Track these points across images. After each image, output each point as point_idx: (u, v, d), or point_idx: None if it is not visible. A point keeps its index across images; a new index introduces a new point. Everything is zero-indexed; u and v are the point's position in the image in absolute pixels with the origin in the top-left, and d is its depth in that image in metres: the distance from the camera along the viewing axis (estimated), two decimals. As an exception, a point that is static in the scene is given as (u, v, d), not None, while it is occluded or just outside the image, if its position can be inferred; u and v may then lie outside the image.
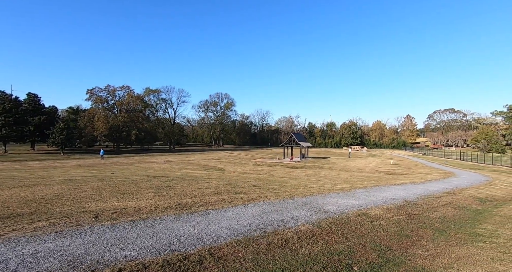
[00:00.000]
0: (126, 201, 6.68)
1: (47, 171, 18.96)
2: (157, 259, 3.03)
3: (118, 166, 25.00)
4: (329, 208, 6.05)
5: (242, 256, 3.21)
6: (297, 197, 7.43)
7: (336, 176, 20.24)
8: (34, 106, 48.08)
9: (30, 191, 7.92)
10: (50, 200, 6.59)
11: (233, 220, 4.82)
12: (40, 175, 14.39)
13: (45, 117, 47.20)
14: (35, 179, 11.87)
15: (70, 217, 4.86)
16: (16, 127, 43.35)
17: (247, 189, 9.39)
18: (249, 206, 6.01)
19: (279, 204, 6.36)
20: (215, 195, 7.72)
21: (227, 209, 5.72)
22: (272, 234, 4.01)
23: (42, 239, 3.60)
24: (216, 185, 10.56)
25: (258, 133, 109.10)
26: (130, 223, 4.47)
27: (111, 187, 9.17)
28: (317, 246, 3.63)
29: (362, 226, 4.69)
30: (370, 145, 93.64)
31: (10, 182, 10.21)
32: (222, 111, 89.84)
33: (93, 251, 3.22)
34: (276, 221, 4.79)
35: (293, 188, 10.19)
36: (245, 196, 7.51)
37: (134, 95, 58.82)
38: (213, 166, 29.17)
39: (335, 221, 4.87)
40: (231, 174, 19.48)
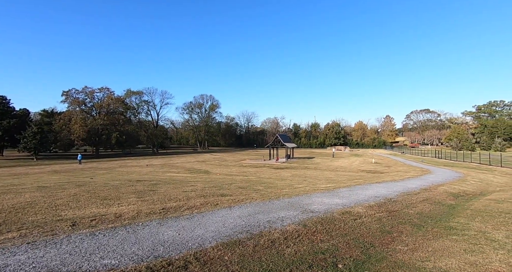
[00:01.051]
0: (107, 207, 6.40)
1: (18, 178, 17.75)
2: (140, 266, 2.93)
3: (98, 171, 23.93)
4: (314, 207, 6.15)
5: (229, 259, 3.18)
6: (283, 197, 7.48)
7: (321, 176, 20.65)
8: (2, 109, 44.91)
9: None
10: (21, 209, 6.16)
11: (219, 223, 4.76)
12: (10, 183, 13.42)
13: (15, 120, 44.25)
14: (4, 187, 11.06)
15: (44, 226, 4.57)
16: (-18, 131, 40.30)
17: (233, 191, 9.34)
18: (235, 208, 5.97)
19: (265, 205, 6.38)
20: (200, 198, 7.60)
21: (213, 212, 5.64)
22: (259, 236, 4.01)
23: (11, 251, 3.36)
24: (201, 188, 10.40)
25: (243, 134, 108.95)
26: (111, 230, 4.28)
27: (89, 193, 8.75)
28: (303, 246, 3.68)
29: (346, 224, 4.82)
30: (353, 145, 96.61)
31: (-25, 191, 9.42)
32: (207, 113, 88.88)
33: (70, 262, 3.05)
34: (262, 222, 4.80)
35: (279, 188, 10.27)
36: (231, 198, 7.45)
37: (114, 97, 56.67)
38: (199, 168, 28.72)
39: (320, 220, 4.96)
40: (217, 177, 19.28)
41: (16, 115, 46.71)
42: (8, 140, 43.20)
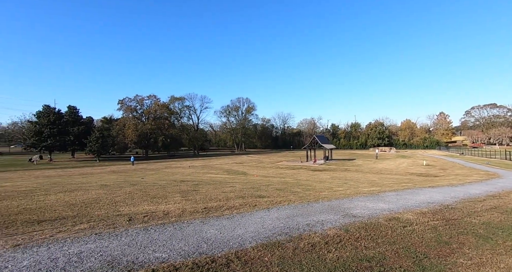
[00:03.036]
0: (156, 205, 7.01)
1: (86, 177, 20.57)
2: (187, 261, 3.15)
3: (147, 172, 26.35)
4: (357, 212, 5.82)
5: (269, 260, 3.21)
6: (322, 200, 7.25)
7: (363, 178, 19.40)
8: (73, 117, 52.67)
9: (72, 196, 8.65)
10: (89, 204, 7.14)
11: (258, 224, 4.84)
12: (80, 181, 15.65)
13: (83, 127, 51.45)
14: (75, 184, 12.94)
15: (107, 220, 5.22)
16: (59, 137, 47.77)
17: (271, 193, 9.37)
18: (273, 210, 5.99)
19: (304, 207, 6.26)
20: (239, 199, 7.81)
21: (251, 213, 5.75)
22: (298, 239, 3.96)
23: (84, 240, 3.92)
24: (240, 189, 10.68)
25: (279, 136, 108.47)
26: (160, 226, 4.69)
27: (141, 191, 9.69)
28: (346, 252, 3.51)
29: (394, 231, 4.45)
30: (399, 146, 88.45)
31: (55, 188, 11.24)
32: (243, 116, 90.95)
33: (129, 253, 3.43)
34: (301, 225, 4.72)
35: (318, 191, 9.96)
36: (269, 200, 7.50)
37: (160, 103, 61.93)
38: (236, 170, 29.51)
39: (364, 226, 4.67)
40: (254, 178, 19.56)
41: (83, 122, 54.34)
42: (78, 144, 50.38)
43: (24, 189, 11.02)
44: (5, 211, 6.37)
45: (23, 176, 21.81)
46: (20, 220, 5.30)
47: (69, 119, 51.48)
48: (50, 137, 46.83)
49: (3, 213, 6.14)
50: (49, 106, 50.30)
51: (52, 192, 9.63)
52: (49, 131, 46.98)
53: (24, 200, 7.92)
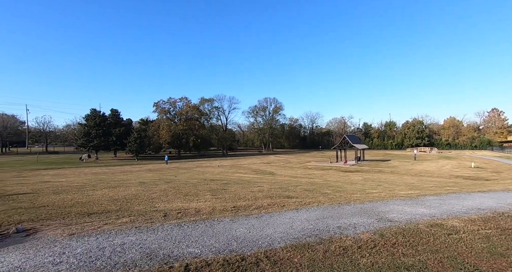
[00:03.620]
0: (188, 202, 7.36)
1: (126, 174, 22.36)
2: (218, 258, 3.25)
3: (180, 170, 27.75)
4: (393, 216, 5.45)
5: (298, 261, 3.17)
6: (354, 203, 6.93)
7: (400, 181, 18.10)
8: (115, 119, 57.63)
9: (115, 192, 9.48)
10: (129, 200, 7.76)
11: (286, 224, 4.80)
12: (121, 178, 17.08)
13: (123, 128, 55.99)
14: (118, 181, 14.14)
15: (145, 215, 5.63)
16: (104, 138, 52.64)
17: (299, 194, 9.24)
18: (302, 211, 5.89)
19: (335, 209, 6.05)
20: (267, 199, 7.83)
21: (280, 213, 5.73)
22: (329, 241, 3.84)
23: (126, 232, 4.27)
24: (267, 189, 10.71)
25: (307, 135, 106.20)
26: (193, 223, 4.91)
27: (175, 189, 10.24)
28: (381, 258, 3.32)
29: (437, 239, 4.08)
30: (442, 146, 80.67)
31: (101, 184, 12.42)
32: (270, 116, 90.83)
33: (164, 246, 3.66)
34: (332, 227, 4.58)
35: (349, 193, 9.55)
36: (297, 201, 7.40)
37: (191, 105, 64.76)
38: (264, 170, 29.61)
39: (401, 231, 4.36)
40: (282, 178, 19.44)
41: (124, 124, 59.18)
42: (119, 144, 54.99)
43: (76, 184, 12.37)
44: (62, 203, 7.22)
45: (75, 173, 24.49)
46: (74, 212, 5.97)
47: (111, 121, 56.48)
48: (96, 138, 51.87)
49: (60, 205, 6.97)
50: (95, 109, 55.74)
51: (99, 188, 10.66)
52: (95, 132, 52.08)
53: (76, 194, 8.90)
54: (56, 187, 11.05)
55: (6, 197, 8.34)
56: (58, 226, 4.74)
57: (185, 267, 2.96)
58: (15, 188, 11.27)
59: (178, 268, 2.94)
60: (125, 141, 51.70)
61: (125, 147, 51.93)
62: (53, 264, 3.07)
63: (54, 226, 4.74)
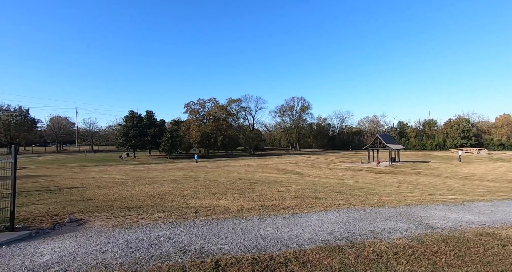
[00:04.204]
0: (217, 200, 7.59)
1: (160, 172, 23.79)
2: (247, 255, 3.31)
3: (209, 169, 28.69)
4: (434, 222, 5.02)
5: (328, 264, 3.09)
6: (388, 206, 6.53)
7: (441, 184, 16.57)
8: (150, 120, 61.57)
9: (151, 188, 10.14)
10: (163, 196, 8.24)
11: (315, 226, 4.70)
12: (156, 176, 18.21)
13: (157, 129, 59.58)
14: (153, 178, 15.11)
15: (178, 211, 5.93)
16: (140, 137, 56.58)
17: (328, 195, 8.96)
18: (332, 213, 5.71)
19: (367, 212, 5.76)
20: (295, 199, 7.74)
21: (308, 214, 5.63)
22: (361, 245, 3.67)
23: (161, 227, 4.55)
24: (295, 189, 10.57)
25: (336, 135, 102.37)
26: (222, 220, 5.05)
27: (204, 187, 10.62)
28: (421, 266, 3.08)
29: (488, 249, 3.66)
30: (493, 146, 71.88)
31: (138, 180, 13.38)
32: (298, 115, 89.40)
33: (196, 242, 3.82)
34: (364, 231, 4.36)
35: (383, 196, 9.01)
36: (326, 202, 7.19)
37: (219, 105, 66.63)
38: (291, 170, 29.28)
39: (445, 239, 3.99)
40: (310, 179, 19.03)
41: (157, 124, 62.98)
42: (153, 143, 58.66)
43: (117, 180, 13.50)
44: (106, 197, 7.94)
45: (116, 170, 26.75)
46: (116, 206, 6.52)
47: (147, 122, 60.45)
48: (133, 138, 55.97)
49: (104, 199, 7.67)
50: (133, 111, 60.21)
51: (136, 184, 11.50)
52: (133, 132, 56.22)
53: (117, 190, 9.71)
54: (100, 183, 12.18)
55: (61, 190, 9.42)
56: (103, 218, 5.23)
57: (216, 263, 3.06)
58: (68, 182, 12.67)
59: (209, 263, 3.06)
60: (159, 140, 54.95)
61: (159, 146, 55.21)
62: (100, 252, 3.39)
63: (100, 218, 5.24)
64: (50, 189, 9.96)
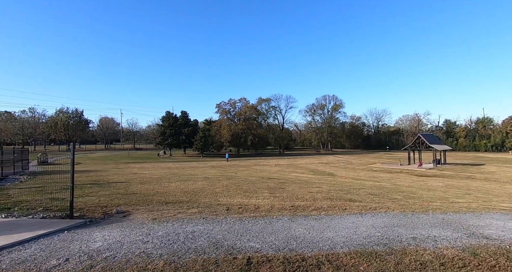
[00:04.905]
0: (248, 199, 7.70)
1: (193, 170, 24.95)
2: (278, 255, 3.30)
3: (239, 168, 29.24)
4: (490, 232, 4.44)
5: (365, 270, 2.93)
6: (433, 212, 5.96)
7: (499, 190, 14.59)
8: (185, 120, 64.96)
9: (185, 185, 10.70)
10: (197, 193, 8.63)
11: (349, 229, 4.50)
12: (190, 173, 19.14)
13: (191, 128, 62.61)
14: (187, 175, 15.91)
15: (210, 207, 6.17)
16: (175, 136, 60.03)
17: (363, 197, 8.51)
18: (367, 216, 5.41)
19: (407, 218, 5.33)
20: (327, 201, 7.50)
21: (341, 216, 5.41)
22: (401, 253, 3.41)
23: (195, 222, 4.78)
24: (327, 190, 10.24)
25: (372, 135, 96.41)
26: (253, 219, 5.11)
27: (235, 185, 10.87)
28: (473, 282, 2.76)
29: (561, 269, 3.12)
30: None
31: (174, 177, 14.22)
32: (329, 114, 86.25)
33: (228, 238, 3.93)
34: (405, 238, 4.05)
35: (426, 200, 8.26)
36: (361, 205, 6.84)
37: (249, 105, 67.48)
38: (322, 170, 28.40)
39: (504, 253, 3.51)
40: (343, 180, 18.25)
41: (191, 124, 66.19)
42: (187, 142, 61.81)
43: (155, 177, 14.53)
44: (146, 192, 8.60)
45: (154, 167, 28.77)
46: (155, 200, 7.03)
47: (181, 122, 63.88)
48: (170, 137, 59.61)
49: (145, 193, 8.31)
50: (169, 112, 64.16)
51: (173, 181, 12.24)
52: (169, 131, 59.89)
53: (156, 185, 10.45)
54: (141, 178, 13.22)
55: (109, 184, 10.46)
56: (144, 211, 5.67)
57: (247, 260, 3.12)
58: (114, 177, 14.00)
59: (241, 259, 3.12)
60: (192, 139, 57.67)
61: (192, 145, 57.93)
62: (142, 242, 3.69)
63: (141, 211, 5.69)
64: (100, 183, 11.11)
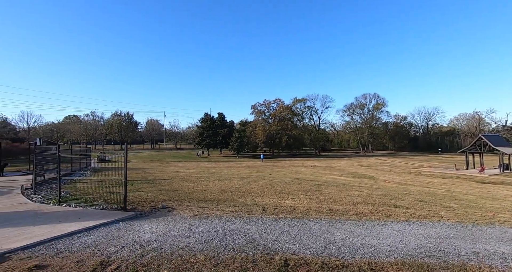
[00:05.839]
0: (283, 200, 7.65)
1: (229, 169, 25.73)
2: (316, 259, 3.22)
3: (274, 169, 29.21)
4: None
5: (414, 284, 2.68)
6: (499, 225, 5.16)
7: None
8: (221, 121, 67.48)
9: (223, 184, 11.09)
10: (234, 192, 8.88)
11: (395, 237, 4.15)
12: (226, 173, 19.79)
13: (227, 129, 64.76)
14: (224, 175, 16.48)
15: (246, 207, 6.29)
16: (213, 137, 62.73)
17: (410, 204, 7.77)
18: (416, 225, 4.93)
19: (467, 230, 4.70)
20: (368, 205, 7.05)
21: (385, 223, 5.03)
22: (460, 269, 3.03)
23: (233, 220, 4.93)
24: (368, 194, 9.62)
25: (420, 136, 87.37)
26: (289, 220, 5.07)
27: (270, 186, 10.89)
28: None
29: None
30: None
31: (212, 176, 14.86)
32: (370, 113, 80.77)
33: (265, 238, 3.96)
34: (464, 251, 3.58)
35: (490, 211, 7.18)
36: (408, 212, 6.26)
37: (284, 106, 67.08)
38: (362, 173, 26.72)
39: None
40: (386, 184, 16.90)
41: (227, 125, 68.51)
42: (224, 143, 64.14)
43: (195, 175, 15.38)
44: (187, 189, 9.15)
45: (193, 166, 30.46)
46: (195, 198, 7.44)
47: (218, 123, 66.49)
48: (207, 137, 62.55)
49: (186, 190, 8.86)
50: (207, 113, 67.37)
51: (211, 179, 12.80)
52: (207, 132, 62.88)
53: (196, 183, 11.05)
54: (183, 176, 14.12)
55: (155, 181, 11.41)
56: (185, 207, 6.05)
57: (285, 261, 3.10)
58: (159, 175, 15.21)
59: (278, 260, 3.12)
60: (228, 140, 59.55)
61: (228, 145, 59.81)
62: (185, 236, 3.94)
63: (183, 207, 6.08)
64: (147, 179, 12.19)
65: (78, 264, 3.01)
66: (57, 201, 6.41)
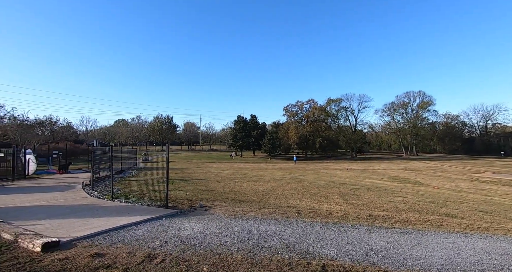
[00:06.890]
0: (318, 203, 7.43)
1: (262, 171, 25.87)
2: (357, 267, 3.05)
3: (307, 171, 28.53)
4: None
5: (473, 305, 2.37)
6: None
7: None
8: (254, 123, 68.37)
9: (256, 185, 11.21)
10: (267, 193, 8.91)
11: (449, 250, 3.73)
12: (259, 174, 19.95)
13: (259, 131, 65.36)
14: (257, 176, 16.64)
15: (280, 209, 6.25)
16: (246, 139, 63.87)
17: (466, 213, 6.90)
18: (475, 238, 4.35)
19: (541, 248, 4.00)
20: (414, 213, 6.45)
21: (436, 233, 4.54)
22: (533, 293, 2.59)
23: (266, 222, 4.94)
24: (413, 201, 8.81)
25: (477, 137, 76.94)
26: (325, 224, 4.90)
27: (304, 189, 10.66)
28: None
29: None
30: None
31: (245, 177, 15.12)
32: (414, 113, 73.74)
33: (300, 241, 3.89)
34: (538, 274, 3.06)
35: None
36: (463, 222, 5.56)
37: (317, 106, 65.20)
38: (406, 177, 24.53)
39: None
40: (434, 190, 15.26)
41: (260, 127, 69.16)
42: (256, 145, 64.87)
43: (229, 176, 15.82)
44: (222, 189, 9.46)
45: (227, 167, 31.34)
46: (230, 198, 7.65)
47: (251, 125, 67.49)
48: (240, 139, 63.92)
49: (221, 191, 9.16)
50: (240, 115, 68.92)
51: (244, 181, 13.04)
52: (240, 134, 64.31)
53: (230, 184, 11.36)
54: (218, 177, 14.64)
55: (193, 181, 12.03)
56: (221, 207, 6.25)
57: (322, 267, 3.01)
58: (196, 175, 16.00)
59: (315, 266, 3.04)
60: (261, 142, 60.00)
61: (261, 147, 60.23)
62: (222, 235, 4.08)
63: (219, 206, 6.29)
64: (186, 179, 12.91)
65: (129, 255, 3.33)
66: (110, 196, 7.18)
